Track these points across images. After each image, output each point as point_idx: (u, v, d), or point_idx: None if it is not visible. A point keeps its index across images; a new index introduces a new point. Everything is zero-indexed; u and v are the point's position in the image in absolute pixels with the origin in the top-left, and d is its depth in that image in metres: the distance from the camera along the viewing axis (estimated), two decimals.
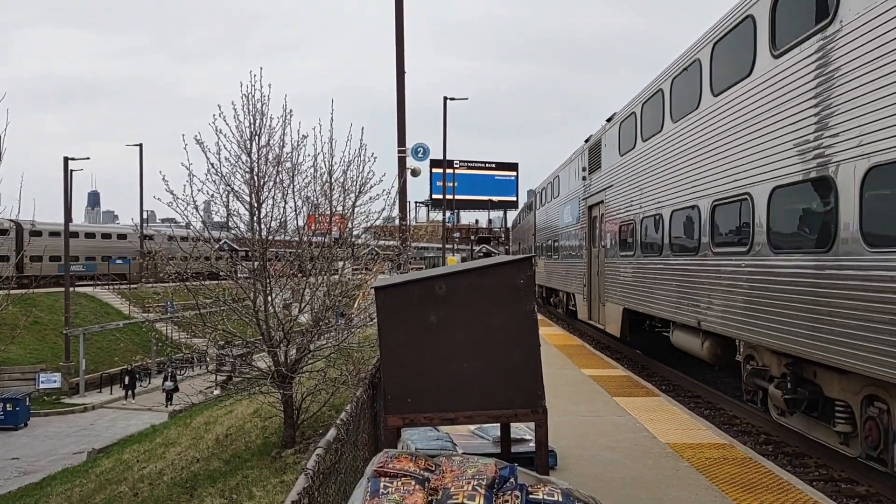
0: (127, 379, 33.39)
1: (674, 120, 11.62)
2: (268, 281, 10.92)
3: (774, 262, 8.15)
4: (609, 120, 16.43)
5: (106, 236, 55.02)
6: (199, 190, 10.83)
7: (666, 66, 12.35)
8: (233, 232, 11.84)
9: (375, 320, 4.87)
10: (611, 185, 15.92)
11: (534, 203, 31.27)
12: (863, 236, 6.44)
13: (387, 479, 3.29)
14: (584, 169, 18.90)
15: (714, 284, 9.91)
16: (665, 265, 11.98)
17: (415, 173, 19.03)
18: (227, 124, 10.73)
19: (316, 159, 11.31)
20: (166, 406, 28.86)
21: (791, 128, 7.81)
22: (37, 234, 47.07)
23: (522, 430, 6.29)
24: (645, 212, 13.18)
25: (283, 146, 11.08)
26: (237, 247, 12.73)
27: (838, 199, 6.83)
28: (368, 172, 11.67)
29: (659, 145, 12.38)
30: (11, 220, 43.93)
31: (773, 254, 8.20)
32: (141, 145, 53.74)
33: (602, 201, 16.71)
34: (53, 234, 47.51)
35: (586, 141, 18.89)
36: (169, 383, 29.94)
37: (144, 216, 58.92)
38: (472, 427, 6.58)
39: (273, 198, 11.12)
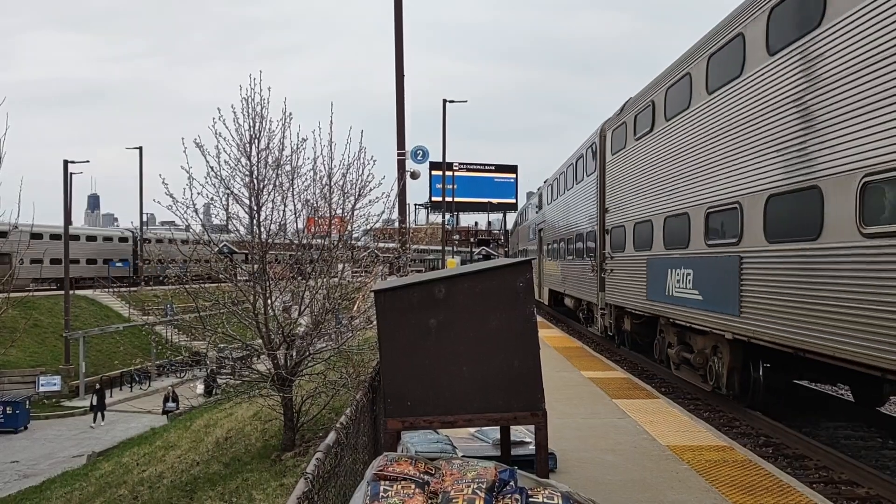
0: (94, 398, 29.42)
1: (562, 193, 23.34)
2: (267, 284, 10.92)
3: (571, 262, 20.71)
4: (545, 182, 28.81)
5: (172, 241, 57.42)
6: (198, 193, 10.83)
7: (560, 165, 23.84)
8: (232, 235, 11.82)
9: (375, 323, 4.87)
10: (545, 220, 28.13)
11: (517, 220, 47.23)
12: (582, 253, 19.09)
13: (386, 482, 3.30)
14: (537, 206, 31.41)
15: (567, 273, 21.88)
16: (557, 265, 23.89)
17: (414, 176, 19.03)
18: (226, 127, 10.74)
19: (315, 162, 11.31)
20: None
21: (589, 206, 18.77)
22: (147, 240, 53.58)
23: (522, 433, 6.29)
24: (554, 237, 25.03)
25: (283, 149, 11.08)
26: (237, 250, 12.73)
27: (582, 240, 18.99)
28: (368, 175, 11.67)
29: (555, 204, 24.89)
30: (130, 231, 47.53)
31: (574, 258, 20.30)
32: (140, 148, 53.60)
33: (543, 228, 28.59)
34: (159, 241, 53.16)
35: (538, 189, 32.42)
36: (171, 404, 27.78)
37: (144, 219, 58.89)
38: (471, 430, 6.58)
39: (273, 201, 11.13)
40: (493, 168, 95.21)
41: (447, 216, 55.59)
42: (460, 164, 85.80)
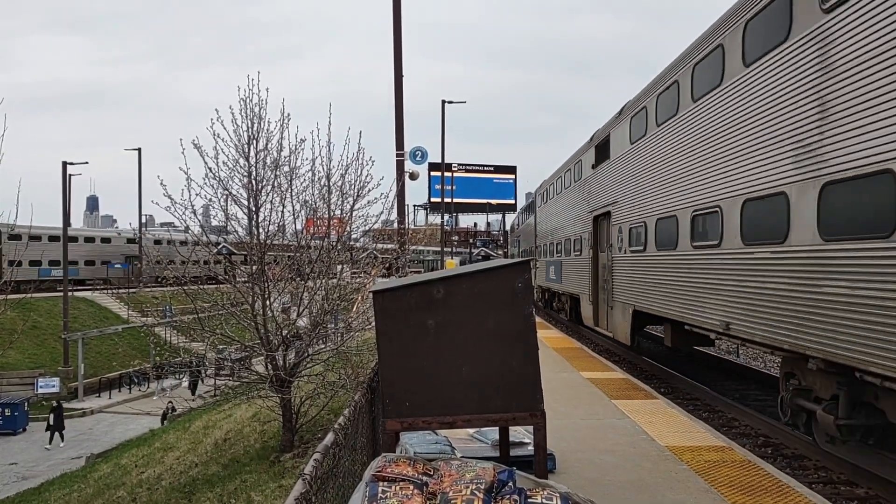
0: (51, 417, 26.54)
1: (525, 220, 37.33)
2: (266, 285, 10.90)
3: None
4: (521, 209, 45.38)
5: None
6: (196, 194, 10.80)
7: (528, 200, 40.98)
8: (231, 236, 11.79)
9: (374, 324, 4.86)
10: (520, 235, 40.62)
11: (514, 224, 58.34)
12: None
13: (385, 483, 3.29)
14: (518, 223, 45.24)
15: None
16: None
17: (413, 177, 19.06)
18: (224, 128, 10.70)
19: (314, 163, 11.28)
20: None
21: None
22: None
23: (521, 434, 6.27)
24: (523, 247, 37.96)
25: (282, 150, 11.06)
26: (235, 251, 12.71)
27: (528, 250, 35.51)
28: (366, 176, 11.65)
29: (523, 226, 38.80)
30: (216, 236, 49.41)
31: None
32: (139, 149, 53.61)
33: (519, 239, 41.33)
34: (239, 245, 56.81)
35: (517, 215, 49.57)
36: (166, 423, 25.62)
37: (143, 220, 58.90)
38: (470, 431, 6.57)
39: (271, 202, 11.10)
40: (491, 169, 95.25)
41: (446, 217, 55.61)
42: (459, 164, 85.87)
